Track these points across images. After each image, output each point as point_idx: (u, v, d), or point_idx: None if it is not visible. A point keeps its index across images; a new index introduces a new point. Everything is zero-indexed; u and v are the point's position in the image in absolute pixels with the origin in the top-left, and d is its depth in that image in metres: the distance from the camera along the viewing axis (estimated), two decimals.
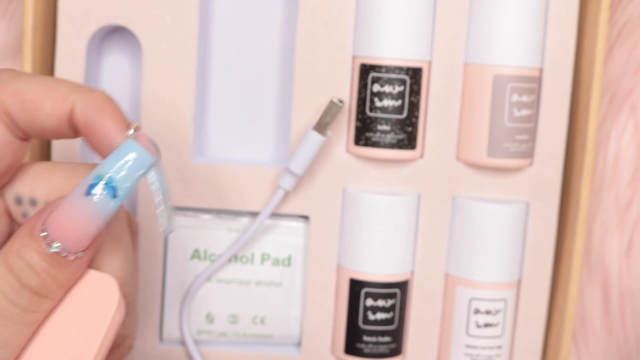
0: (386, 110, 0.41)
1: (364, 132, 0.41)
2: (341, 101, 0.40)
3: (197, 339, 0.44)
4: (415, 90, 0.41)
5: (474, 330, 0.43)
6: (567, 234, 0.43)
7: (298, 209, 0.43)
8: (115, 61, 0.44)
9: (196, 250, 0.43)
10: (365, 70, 0.41)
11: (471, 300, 0.42)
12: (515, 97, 0.41)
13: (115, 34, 0.44)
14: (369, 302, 0.42)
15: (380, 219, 0.42)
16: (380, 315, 0.42)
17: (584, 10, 0.42)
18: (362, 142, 0.41)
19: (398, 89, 0.41)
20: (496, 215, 0.42)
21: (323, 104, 0.42)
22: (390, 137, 0.41)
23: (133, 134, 0.28)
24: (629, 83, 0.48)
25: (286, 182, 0.41)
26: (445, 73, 0.42)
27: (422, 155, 0.42)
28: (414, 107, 0.41)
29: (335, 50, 0.42)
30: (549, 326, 0.44)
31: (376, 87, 0.41)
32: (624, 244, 0.48)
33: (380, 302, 0.42)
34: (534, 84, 0.41)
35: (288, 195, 0.43)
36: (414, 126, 0.41)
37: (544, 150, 0.42)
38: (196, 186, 0.42)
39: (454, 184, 0.43)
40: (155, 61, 0.42)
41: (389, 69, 0.41)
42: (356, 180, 0.43)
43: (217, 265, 0.43)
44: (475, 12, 0.41)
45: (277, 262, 0.44)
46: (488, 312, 0.42)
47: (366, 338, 0.43)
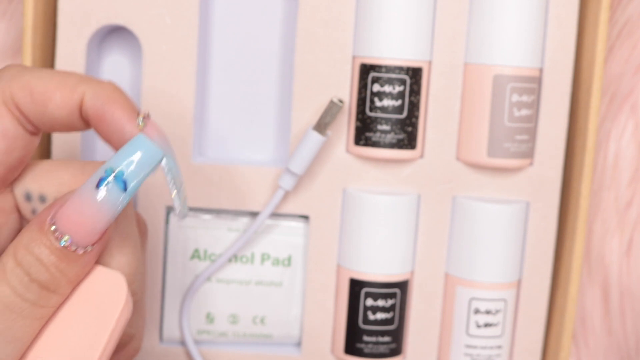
0: (386, 110, 0.41)
1: (364, 132, 0.41)
2: (341, 101, 0.40)
3: (197, 339, 0.44)
4: (415, 90, 0.41)
5: (474, 330, 0.43)
6: (567, 234, 0.43)
7: (298, 209, 0.43)
8: (115, 61, 0.44)
9: (196, 250, 0.43)
10: (365, 70, 0.41)
11: (471, 300, 0.42)
12: (515, 97, 0.41)
13: (115, 34, 0.44)
14: (369, 302, 0.42)
15: (380, 219, 0.42)
16: (380, 315, 0.42)
17: (584, 10, 0.42)
18: (362, 142, 0.41)
19: (398, 88, 0.41)
20: (496, 215, 0.42)
21: (323, 104, 0.42)
22: (390, 137, 0.41)
23: (143, 123, 0.29)
24: (629, 83, 0.48)
25: (286, 182, 0.41)
26: (445, 73, 0.42)
27: (422, 155, 0.42)
28: (414, 107, 0.41)
29: (335, 50, 0.42)
30: (549, 326, 0.44)
31: (376, 87, 0.41)
32: (624, 244, 0.48)
33: (380, 302, 0.42)
34: (534, 84, 0.41)
35: (288, 195, 0.43)
36: (414, 126, 0.41)
37: (544, 150, 0.42)
38: (196, 186, 0.42)
39: (454, 184, 0.43)
40: (155, 61, 0.42)
41: (389, 69, 0.41)
42: (356, 180, 0.43)
43: (217, 265, 0.43)
44: (475, 12, 0.41)
45: (277, 262, 0.43)
46: (488, 312, 0.42)
47: (366, 338, 0.43)
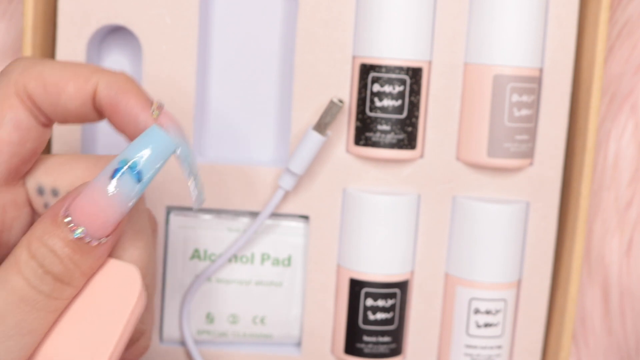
0: (386, 110, 0.41)
1: (364, 132, 0.41)
2: (341, 101, 0.40)
3: (197, 339, 0.44)
4: (415, 90, 0.41)
5: (474, 330, 0.43)
6: (567, 234, 0.43)
7: (298, 209, 0.43)
8: (115, 61, 0.44)
9: (196, 250, 0.43)
10: (365, 70, 0.41)
11: (471, 300, 0.42)
12: (515, 97, 0.41)
13: (115, 34, 0.44)
14: (369, 302, 0.42)
15: (380, 219, 0.42)
16: (380, 315, 0.42)
17: (584, 10, 0.42)
18: (362, 142, 0.41)
19: (398, 88, 0.41)
20: (496, 215, 0.42)
21: (323, 104, 0.42)
22: (390, 137, 0.41)
23: (157, 112, 0.29)
24: (629, 83, 0.48)
25: (286, 182, 0.41)
26: (445, 73, 0.42)
27: (422, 155, 0.42)
28: (414, 107, 0.41)
29: (335, 50, 0.42)
30: (549, 326, 0.44)
31: (376, 87, 0.41)
32: (624, 244, 0.48)
33: (380, 302, 0.42)
34: (534, 84, 0.41)
35: (288, 195, 0.43)
36: (414, 126, 0.41)
37: (544, 150, 0.42)
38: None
39: (454, 184, 0.43)
40: (155, 61, 0.42)
41: (389, 69, 0.41)
42: (356, 180, 0.43)
43: (217, 265, 0.43)
44: (475, 12, 0.41)
45: (277, 262, 0.43)
46: (488, 312, 0.42)
47: (366, 338, 0.43)
